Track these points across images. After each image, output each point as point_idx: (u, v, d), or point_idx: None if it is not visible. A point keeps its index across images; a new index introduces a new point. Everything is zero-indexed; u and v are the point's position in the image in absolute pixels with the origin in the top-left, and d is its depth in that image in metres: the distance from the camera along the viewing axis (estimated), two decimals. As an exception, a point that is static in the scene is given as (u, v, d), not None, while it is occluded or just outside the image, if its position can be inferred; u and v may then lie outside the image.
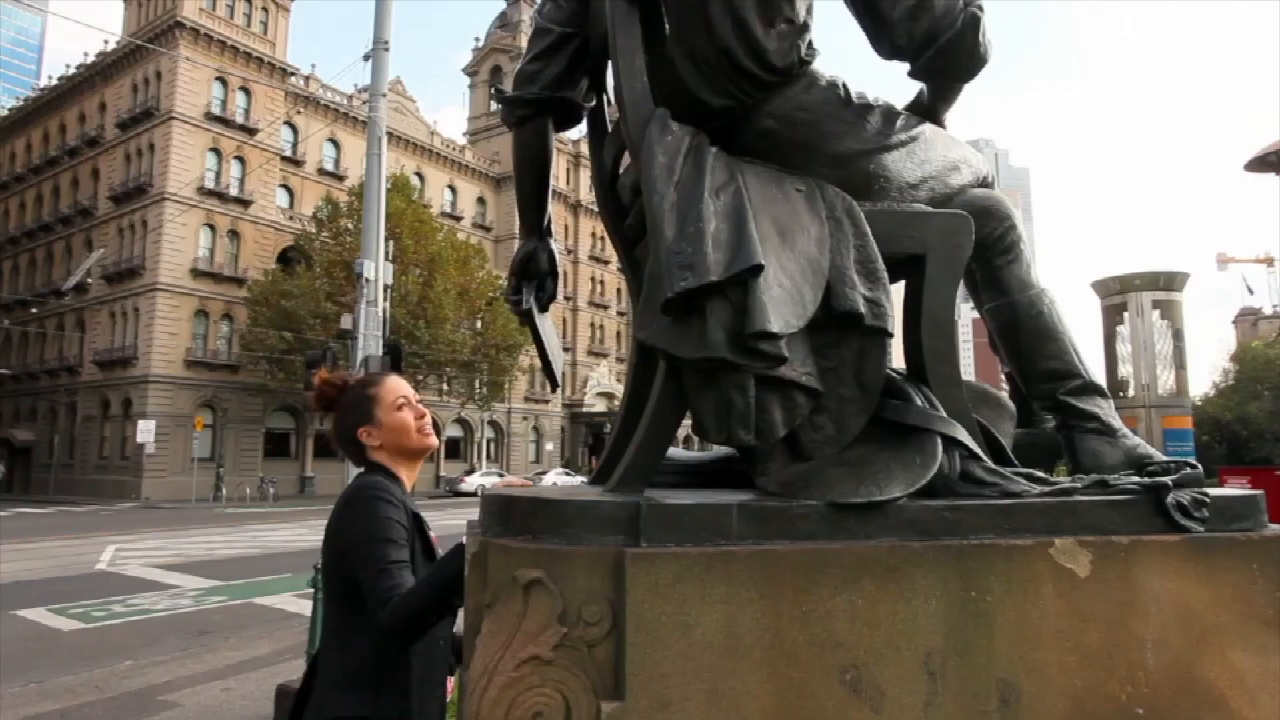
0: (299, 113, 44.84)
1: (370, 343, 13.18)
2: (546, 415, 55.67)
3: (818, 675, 1.40)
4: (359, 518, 1.98)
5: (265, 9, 44.03)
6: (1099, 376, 2.13)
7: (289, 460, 43.01)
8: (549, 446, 55.29)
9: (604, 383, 58.38)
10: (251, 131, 42.34)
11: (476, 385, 42.32)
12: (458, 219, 53.08)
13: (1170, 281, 7.49)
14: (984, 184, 2.19)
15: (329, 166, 47.43)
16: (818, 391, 1.63)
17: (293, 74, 45.36)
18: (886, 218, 1.80)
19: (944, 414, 1.69)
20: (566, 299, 56.45)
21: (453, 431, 49.25)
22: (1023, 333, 2.07)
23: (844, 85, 1.91)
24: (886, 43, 1.82)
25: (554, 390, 2.78)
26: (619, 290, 60.47)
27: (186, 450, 36.60)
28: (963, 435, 1.66)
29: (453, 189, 55.01)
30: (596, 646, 1.37)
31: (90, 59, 44.87)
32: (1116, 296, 8.29)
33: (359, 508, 2.00)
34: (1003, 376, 2.31)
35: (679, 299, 1.52)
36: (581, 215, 58.77)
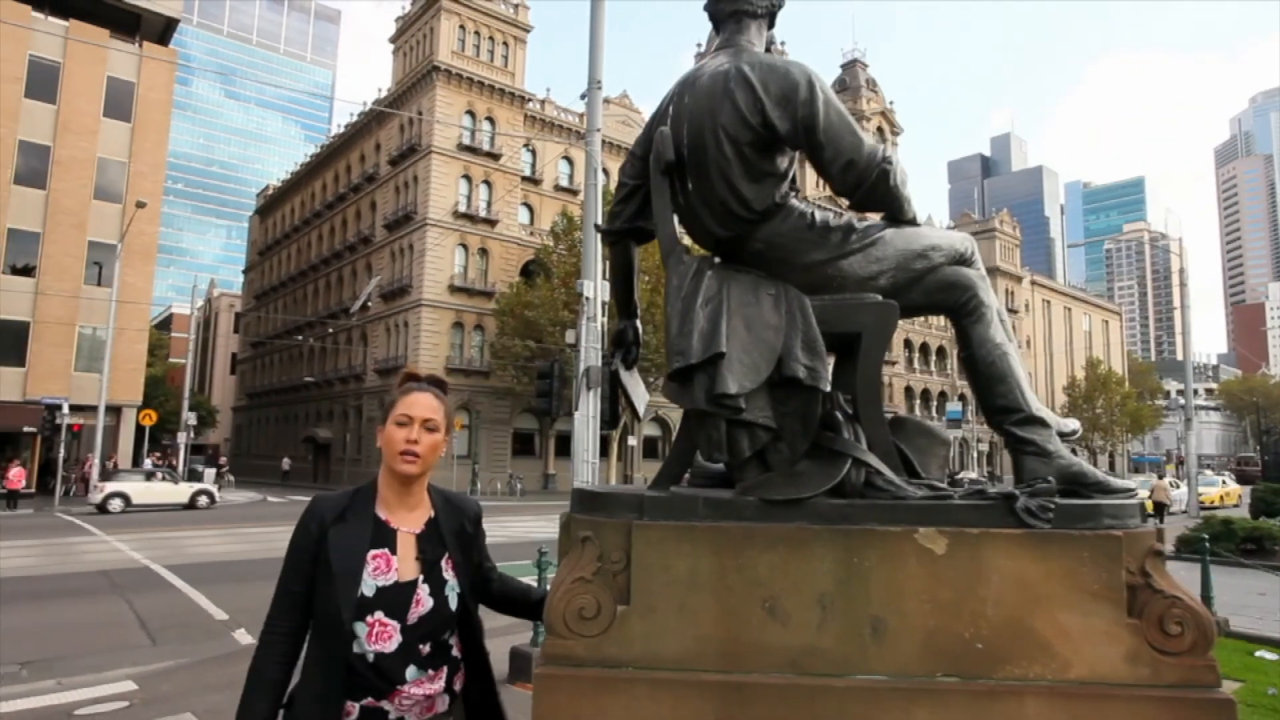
0: (532, 137, 49.05)
1: (590, 354, 14.85)
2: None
3: (747, 601, 2.34)
4: None
5: (506, 43, 48.79)
6: (1041, 411, 2.81)
7: (534, 459, 47.22)
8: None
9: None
10: (496, 157, 47.19)
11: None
12: (683, 225, 55.13)
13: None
14: (960, 260, 2.93)
15: (564, 183, 51.31)
16: (773, 428, 2.54)
17: (530, 100, 49.75)
18: (834, 307, 2.65)
19: (863, 444, 2.53)
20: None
21: (685, 435, 51.08)
22: (980, 378, 2.80)
23: (812, 214, 2.77)
24: (831, 187, 2.68)
25: (638, 421, 3.81)
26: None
27: (448, 449, 41.37)
28: (870, 458, 2.49)
29: (678, 197, 57.11)
30: (618, 575, 2.40)
31: (369, 105, 52.15)
32: None
33: None
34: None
35: (676, 373, 2.52)
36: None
